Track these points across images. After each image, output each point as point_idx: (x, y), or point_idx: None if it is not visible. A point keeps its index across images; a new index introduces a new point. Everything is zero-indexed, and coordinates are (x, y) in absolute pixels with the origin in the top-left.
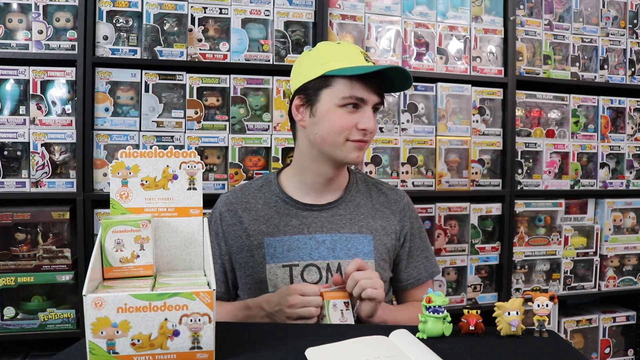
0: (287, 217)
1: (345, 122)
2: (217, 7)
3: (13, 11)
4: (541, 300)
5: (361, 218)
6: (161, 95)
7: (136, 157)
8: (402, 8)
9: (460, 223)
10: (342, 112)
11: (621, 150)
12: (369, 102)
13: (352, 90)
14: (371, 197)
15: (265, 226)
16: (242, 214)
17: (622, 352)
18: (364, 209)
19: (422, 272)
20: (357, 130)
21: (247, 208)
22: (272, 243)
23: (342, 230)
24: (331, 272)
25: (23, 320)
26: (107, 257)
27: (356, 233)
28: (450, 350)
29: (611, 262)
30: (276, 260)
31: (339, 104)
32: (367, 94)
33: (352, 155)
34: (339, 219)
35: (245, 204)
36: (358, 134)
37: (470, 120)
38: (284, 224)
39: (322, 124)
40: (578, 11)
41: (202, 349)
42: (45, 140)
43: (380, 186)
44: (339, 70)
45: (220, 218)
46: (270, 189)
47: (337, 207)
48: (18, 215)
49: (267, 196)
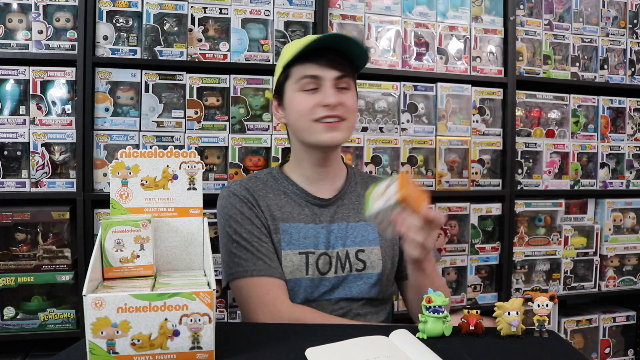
0: (299, 207)
1: (305, 104)
2: (217, 7)
3: (13, 11)
4: (541, 300)
5: (363, 207)
6: (161, 95)
7: (136, 157)
8: (402, 8)
9: (460, 223)
10: (302, 95)
11: (621, 150)
12: (326, 78)
13: (304, 71)
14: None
15: (280, 212)
16: (258, 198)
17: (622, 352)
18: (364, 198)
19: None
20: (320, 108)
21: (261, 195)
22: (288, 229)
23: (348, 219)
24: (341, 261)
25: (23, 320)
26: (107, 257)
27: (361, 221)
28: (450, 350)
29: (611, 262)
30: (292, 247)
31: (298, 90)
32: (321, 70)
33: (324, 137)
34: (344, 209)
35: (258, 191)
36: (322, 111)
37: (470, 120)
38: (297, 213)
39: (290, 113)
40: (578, 11)
41: (202, 349)
42: (45, 140)
43: (375, 179)
44: (290, 58)
45: (247, 198)
46: (277, 181)
47: (341, 199)
48: (18, 215)
49: (274, 187)
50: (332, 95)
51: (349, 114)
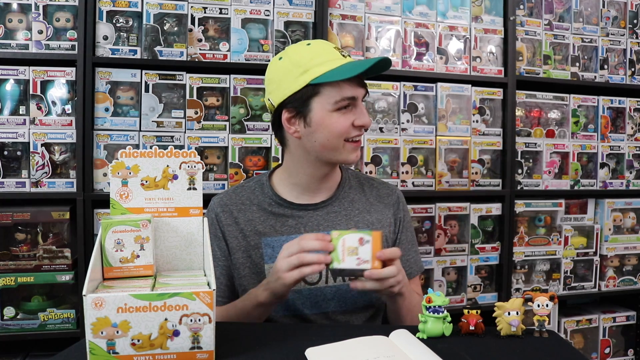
0: (283, 218)
1: (344, 125)
2: (217, 7)
3: (13, 11)
4: (541, 300)
5: (356, 213)
6: (161, 95)
7: (136, 157)
8: (402, 8)
9: (460, 223)
10: (337, 115)
11: (621, 150)
12: (359, 97)
13: (342, 92)
14: (364, 192)
15: (262, 226)
16: (238, 214)
17: (622, 352)
18: (358, 204)
19: (413, 265)
20: (354, 128)
21: (242, 209)
22: (270, 243)
23: (338, 227)
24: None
25: (23, 320)
26: (107, 257)
27: (352, 228)
28: (450, 350)
29: (611, 262)
30: (275, 261)
31: (332, 109)
32: (356, 91)
33: (352, 156)
34: (334, 216)
35: (240, 205)
36: (355, 131)
37: (470, 120)
38: (280, 225)
39: (321, 132)
40: (578, 11)
41: (202, 349)
42: (45, 140)
43: (371, 181)
44: (324, 77)
45: (216, 219)
46: (263, 191)
47: (331, 204)
48: (18, 215)
49: (260, 198)
50: (366, 115)
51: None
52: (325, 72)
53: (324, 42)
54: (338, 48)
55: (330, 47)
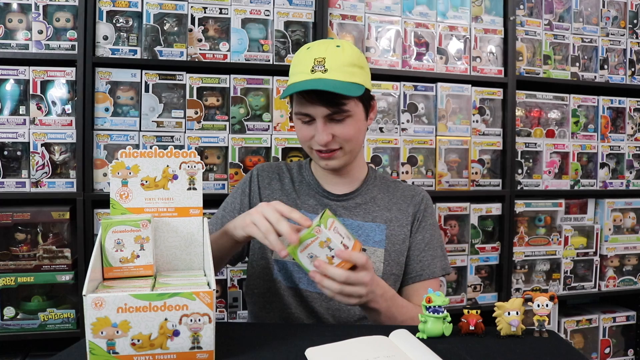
0: (306, 197)
1: (303, 134)
2: (217, 7)
3: (13, 11)
4: (541, 300)
5: (376, 209)
6: (161, 95)
7: (136, 157)
8: (402, 8)
9: (460, 223)
10: (299, 124)
11: (621, 150)
12: (317, 115)
13: (298, 107)
14: (389, 192)
15: (286, 198)
16: (272, 182)
17: (622, 352)
18: (380, 201)
19: (425, 269)
20: (314, 141)
21: (277, 179)
22: None
23: (354, 217)
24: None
25: (23, 320)
26: (107, 257)
27: (369, 222)
28: (450, 350)
29: (611, 262)
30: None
31: (297, 118)
32: (312, 109)
33: (321, 163)
34: (353, 207)
35: (270, 179)
36: (316, 145)
37: (470, 120)
38: (301, 202)
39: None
40: (578, 11)
41: (202, 349)
42: (45, 140)
43: (398, 184)
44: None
45: (256, 175)
46: (300, 171)
47: (353, 198)
48: (18, 215)
49: (294, 177)
50: (322, 133)
51: (345, 142)
52: (288, 84)
53: (313, 51)
54: (317, 60)
55: (309, 59)
